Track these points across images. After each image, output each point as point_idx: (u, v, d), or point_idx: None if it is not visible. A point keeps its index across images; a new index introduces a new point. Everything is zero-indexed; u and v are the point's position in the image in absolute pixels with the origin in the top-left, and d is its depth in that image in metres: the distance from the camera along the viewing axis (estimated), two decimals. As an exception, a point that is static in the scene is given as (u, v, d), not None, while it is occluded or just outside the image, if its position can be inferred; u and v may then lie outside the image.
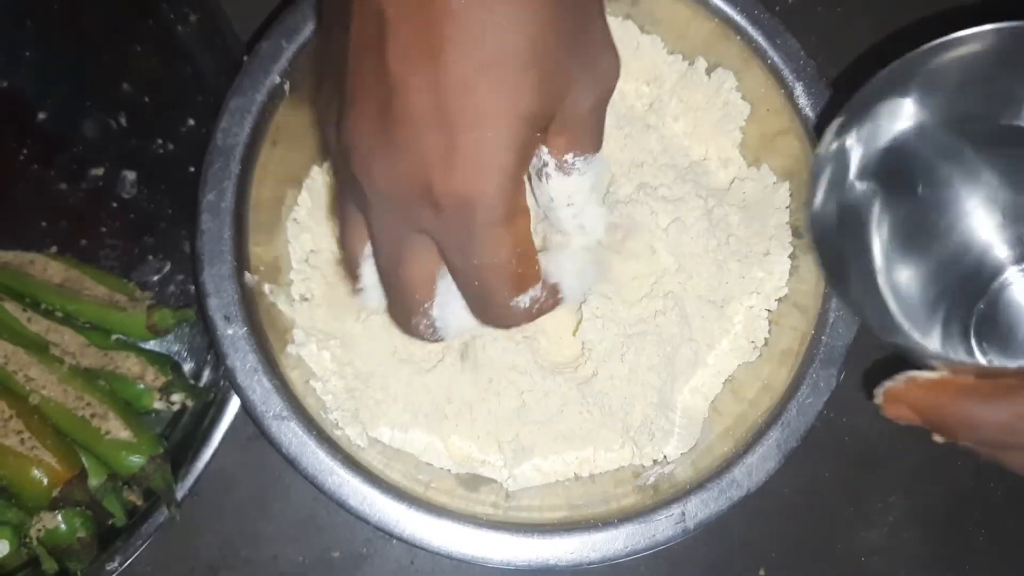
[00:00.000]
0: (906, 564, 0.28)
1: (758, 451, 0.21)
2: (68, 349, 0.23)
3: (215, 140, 0.21)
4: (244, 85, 0.21)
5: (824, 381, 0.21)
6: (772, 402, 0.22)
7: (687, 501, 0.21)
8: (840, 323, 0.22)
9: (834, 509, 0.28)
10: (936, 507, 0.28)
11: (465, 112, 0.14)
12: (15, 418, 0.21)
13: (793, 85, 0.22)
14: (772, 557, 0.28)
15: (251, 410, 0.20)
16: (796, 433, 0.21)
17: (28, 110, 0.26)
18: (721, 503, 0.21)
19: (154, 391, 0.23)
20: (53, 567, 0.22)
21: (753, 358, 0.24)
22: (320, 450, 0.20)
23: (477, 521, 0.20)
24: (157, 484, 0.22)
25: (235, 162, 0.21)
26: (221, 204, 0.20)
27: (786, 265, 0.24)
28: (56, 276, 0.25)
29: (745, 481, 0.21)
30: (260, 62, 0.21)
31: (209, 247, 0.20)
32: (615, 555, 0.20)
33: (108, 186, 0.26)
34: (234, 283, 0.20)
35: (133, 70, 0.26)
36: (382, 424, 0.23)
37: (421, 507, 0.20)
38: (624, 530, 0.20)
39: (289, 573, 0.26)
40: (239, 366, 0.20)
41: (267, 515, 0.26)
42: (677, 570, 0.27)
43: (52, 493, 0.21)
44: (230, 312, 0.20)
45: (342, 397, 0.22)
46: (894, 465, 0.28)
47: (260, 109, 0.21)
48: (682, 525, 0.21)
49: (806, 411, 0.21)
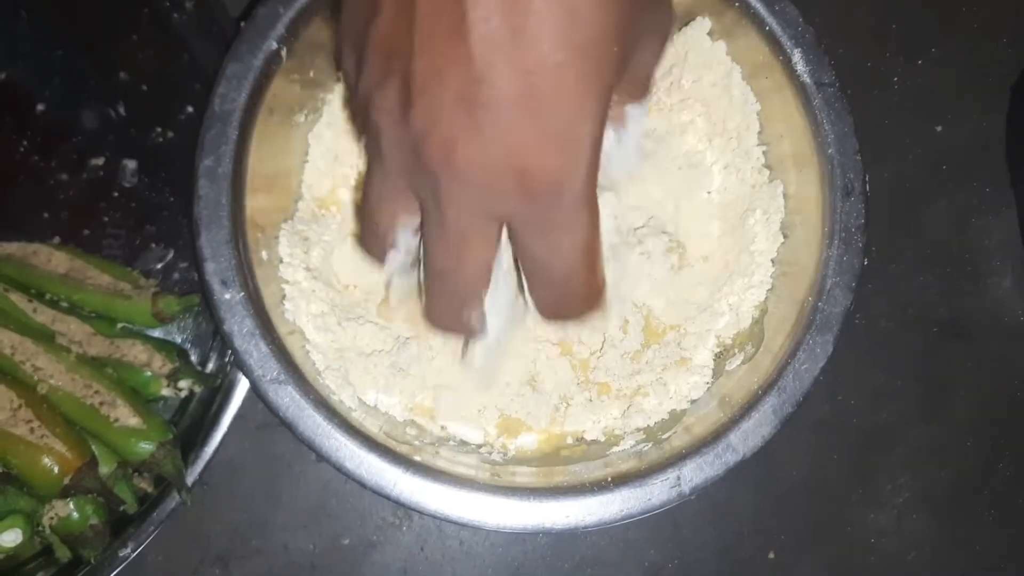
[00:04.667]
0: (915, 546, 0.28)
1: (754, 416, 0.21)
2: (74, 338, 0.23)
3: (212, 106, 0.20)
4: (241, 51, 0.20)
5: (820, 347, 0.21)
6: (768, 369, 0.22)
7: (682, 466, 0.21)
8: (837, 290, 0.22)
9: (843, 491, 0.28)
10: (944, 489, 0.28)
11: (557, 94, 0.14)
12: (24, 407, 0.21)
13: (791, 52, 0.22)
14: (782, 540, 0.28)
15: (248, 374, 0.20)
16: (792, 399, 0.21)
17: (27, 102, 0.26)
18: (717, 468, 0.21)
19: (161, 378, 0.23)
20: (66, 555, 0.22)
21: (748, 325, 0.24)
22: (317, 414, 0.20)
23: (473, 485, 0.20)
24: (167, 470, 0.22)
25: (232, 127, 0.20)
26: (218, 169, 0.20)
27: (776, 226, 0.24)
28: (60, 266, 0.25)
29: (741, 446, 0.21)
30: (257, 28, 0.21)
31: (206, 212, 0.20)
32: (611, 519, 0.20)
33: (109, 176, 0.26)
34: (231, 248, 0.20)
35: (130, 59, 0.26)
36: (370, 388, 0.23)
37: (417, 470, 0.20)
38: (620, 494, 0.20)
39: (299, 561, 0.26)
40: (236, 330, 0.20)
41: (277, 503, 0.26)
42: (687, 554, 0.27)
43: (63, 481, 0.21)
44: (227, 277, 0.20)
45: (332, 357, 0.22)
46: (902, 447, 0.28)
47: (257, 75, 0.20)
48: (677, 489, 0.20)
49: (802, 377, 0.21)
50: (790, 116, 0.23)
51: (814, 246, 0.22)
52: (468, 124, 0.14)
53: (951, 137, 0.29)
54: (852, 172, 0.22)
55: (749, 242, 0.24)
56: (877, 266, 0.28)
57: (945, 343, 0.29)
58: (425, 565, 0.27)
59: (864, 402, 0.28)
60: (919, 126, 0.29)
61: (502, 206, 0.15)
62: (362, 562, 0.27)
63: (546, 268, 0.16)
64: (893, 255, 0.29)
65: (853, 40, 0.29)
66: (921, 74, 0.29)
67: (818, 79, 0.22)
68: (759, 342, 0.23)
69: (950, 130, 0.29)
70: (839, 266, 0.22)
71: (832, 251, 0.22)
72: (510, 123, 0.14)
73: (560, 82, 0.14)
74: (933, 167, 0.29)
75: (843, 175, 0.22)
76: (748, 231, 0.24)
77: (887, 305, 0.29)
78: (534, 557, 0.27)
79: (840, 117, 0.22)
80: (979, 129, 0.29)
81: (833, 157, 0.22)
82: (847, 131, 0.22)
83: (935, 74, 0.29)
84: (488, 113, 0.14)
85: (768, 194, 0.24)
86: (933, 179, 0.29)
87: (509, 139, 0.14)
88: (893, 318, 0.29)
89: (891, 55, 0.29)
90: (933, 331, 0.29)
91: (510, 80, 0.14)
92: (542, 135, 0.14)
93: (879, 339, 0.29)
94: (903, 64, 0.29)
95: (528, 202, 0.15)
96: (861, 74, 0.29)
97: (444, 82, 0.14)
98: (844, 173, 0.22)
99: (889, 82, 0.29)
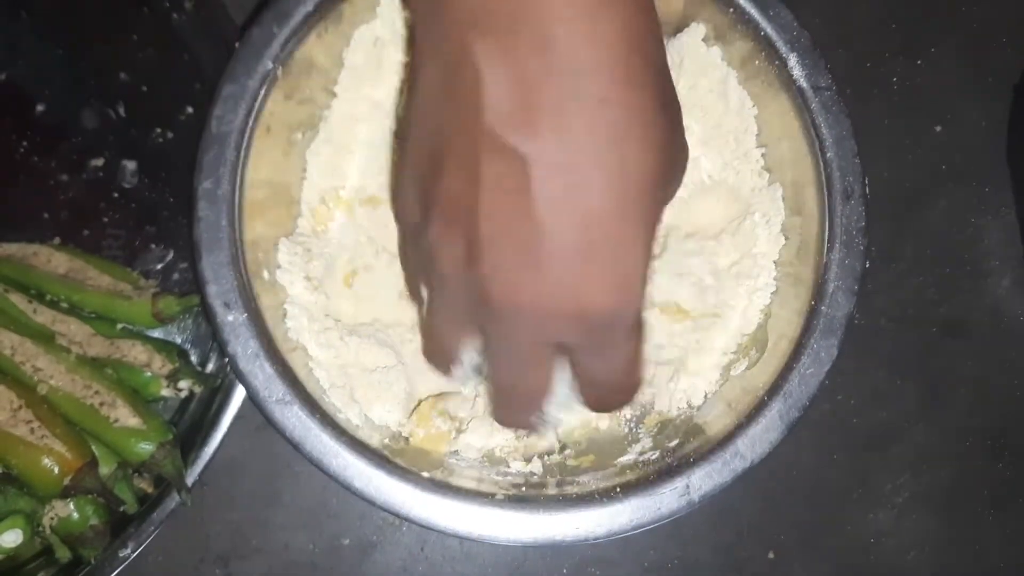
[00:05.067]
0: (914, 545, 0.28)
1: (761, 422, 0.21)
2: (75, 339, 0.23)
3: (209, 128, 0.21)
4: (236, 71, 0.21)
5: (825, 351, 0.21)
6: (773, 374, 0.22)
7: (691, 474, 0.21)
8: (840, 294, 0.22)
9: (842, 491, 0.28)
10: (944, 488, 0.28)
11: (613, 242, 0.15)
12: (24, 408, 0.21)
13: (787, 56, 0.22)
14: (781, 540, 0.28)
15: (254, 396, 0.20)
16: (798, 404, 0.21)
17: (27, 102, 0.26)
18: (725, 475, 0.21)
19: (161, 378, 0.23)
20: (66, 555, 0.22)
21: (753, 330, 0.24)
22: (324, 433, 0.20)
23: (482, 499, 0.20)
24: (167, 470, 0.22)
25: (230, 149, 0.21)
26: (218, 191, 0.20)
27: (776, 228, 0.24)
28: (60, 267, 0.25)
29: (748, 453, 0.21)
30: (252, 48, 0.21)
31: (207, 235, 0.20)
32: (621, 529, 0.20)
33: (109, 176, 0.26)
34: (232, 270, 0.20)
35: (130, 60, 0.26)
36: (376, 404, 0.23)
37: (426, 487, 0.20)
38: (629, 504, 0.20)
39: (300, 561, 0.26)
40: (240, 352, 0.20)
41: (277, 503, 0.26)
42: (687, 553, 0.28)
43: (63, 482, 0.21)
44: (230, 299, 0.20)
45: (336, 375, 0.22)
46: (902, 447, 0.28)
47: (253, 95, 0.21)
48: (687, 498, 0.21)
49: (807, 381, 0.21)
50: (787, 120, 0.23)
51: (815, 249, 0.22)
52: (531, 272, 0.15)
53: (951, 137, 0.29)
54: (851, 175, 0.22)
55: (751, 245, 0.24)
56: (877, 266, 0.28)
57: (944, 342, 0.29)
58: (425, 565, 0.27)
59: (864, 401, 0.28)
60: (919, 126, 0.29)
61: (561, 338, 0.16)
62: (362, 562, 0.27)
63: (598, 378, 0.17)
64: (892, 255, 0.29)
65: (852, 40, 0.29)
66: (921, 74, 0.29)
67: (814, 83, 0.22)
68: (763, 347, 0.23)
69: (950, 130, 0.29)
70: (841, 269, 0.22)
71: (834, 255, 0.22)
72: (570, 270, 0.15)
73: (616, 231, 0.15)
74: (933, 167, 0.29)
75: (842, 178, 0.22)
76: (749, 234, 0.24)
77: (887, 304, 0.29)
78: (534, 556, 0.27)
79: (838, 120, 0.22)
80: (979, 129, 0.29)
81: (832, 161, 0.22)
82: (845, 134, 0.22)
83: (935, 74, 0.29)
84: (550, 263, 0.15)
85: (768, 197, 0.24)
86: (933, 179, 0.29)
87: (570, 284, 0.15)
88: (893, 317, 0.29)
89: (890, 55, 0.29)
90: (932, 331, 0.29)
91: (570, 233, 0.15)
92: (600, 279, 0.15)
93: (879, 338, 0.29)
94: (903, 64, 0.29)
95: (586, 334, 0.16)
96: (860, 74, 0.29)
97: (509, 236, 0.15)
98: (843, 176, 0.22)
99: (889, 82, 0.29)
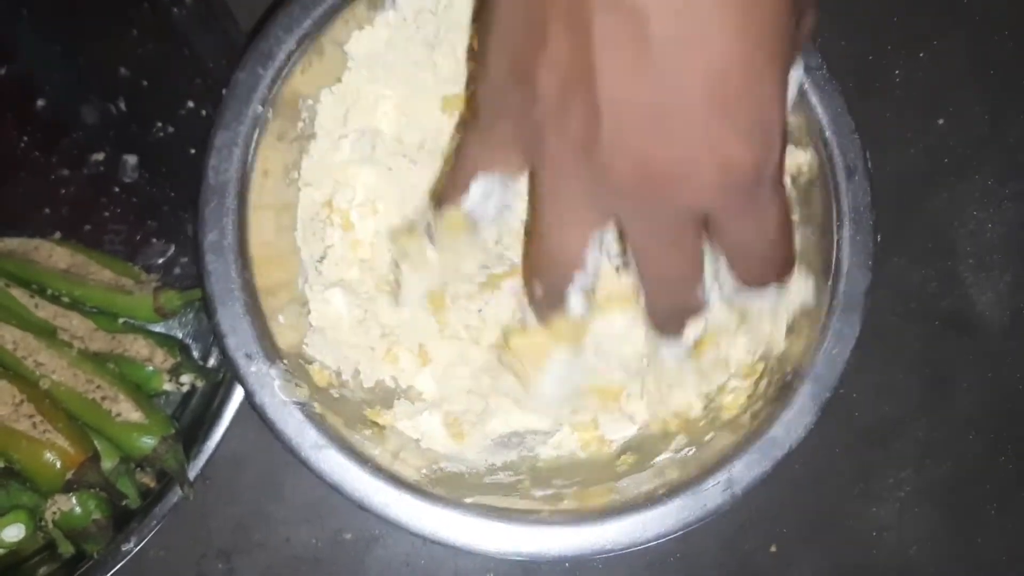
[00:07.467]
0: (916, 540, 0.28)
1: (794, 407, 0.21)
2: (76, 334, 0.23)
3: (207, 178, 0.20)
4: (227, 118, 0.21)
5: (848, 328, 0.21)
6: (799, 356, 0.21)
7: (731, 467, 0.20)
8: (855, 270, 0.21)
9: (844, 485, 0.28)
10: (946, 482, 0.28)
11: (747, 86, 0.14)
12: (26, 403, 0.21)
13: None
14: (783, 533, 0.28)
15: (287, 443, 0.20)
16: (829, 384, 0.21)
17: (27, 97, 0.26)
18: (764, 464, 0.20)
19: (163, 373, 0.23)
20: (69, 550, 0.23)
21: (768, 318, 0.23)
22: (364, 472, 0.20)
23: (529, 518, 0.20)
24: (169, 465, 0.22)
25: (231, 198, 0.20)
26: (224, 242, 0.20)
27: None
28: (62, 262, 0.25)
29: (785, 439, 0.21)
30: (239, 93, 0.21)
31: (219, 287, 0.20)
32: (667, 531, 0.20)
33: (109, 171, 0.26)
34: (248, 320, 0.20)
35: (130, 54, 0.26)
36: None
37: (468, 511, 0.20)
38: (674, 504, 0.20)
39: (302, 555, 0.26)
40: (268, 401, 0.20)
41: (279, 497, 0.26)
42: (689, 547, 0.28)
43: (66, 476, 0.21)
44: (251, 350, 0.20)
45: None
46: (904, 441, 0.28)
47: (246, 141, 0.21)
48: (730, 491, 0.20)
49: (834, 361, 0.21)
50: None
51: (825, 228, 0.22)
52: (661, 134, 0.14)
53: (953, 130, 0.29)
54: (852, 152, 0.22)
55: None
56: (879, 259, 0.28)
57: (947, 336, 0.29)
58: (428, 559, 0.27)
59: (866, 396, 0.28)
60: (921, 119, 0.29)
61: (704, 205, 0.15)
62: (365, 556, 0.27)
63: (750, 247, 0.16)
64: (895, 248, 0.29)
65: (854, 33, 0.29)
66: (923, 67, 0.29)
67: (805, 63, 0.21)
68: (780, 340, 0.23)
69: (952, 123, 0.29)
70: (853, 246, 0.21)
71: (844, 232, 0.21)
72: (705, 125, 0.14)
73: (748, 74, 0.13)
74: (935, 160, 0.29)
75: (843, 155, 0.22)
76: None
77: (889, 298, 0.29)
78: (536, 551, 0.27)
79: (831, 98, 0.22)
80: (981, 122, 0.29)
81: (831, 139, 0.22)
82: (840, 111, 0.22)
83: (937, 67, 0.29)
84: (682, 119, 0.14)
85: None
86: (935, 172, 0.29)
87: (706, 141, 0.14)
88: (895, 311, 0.29)
89: (892, 48, 0.29)
90: (935, 324, 0.29)
91: (700, 83, 0.13)
92: (737, 130, 0.14)
93: (881, 332, 0.29)
94: (904, 57, 0.29)
95: (730, 195, 0.15)
96: (862, 67, 0.29)
97: (631, 95, 0.14)
98: (844, 153, 0.22)
99: (890, 75, 0.29)
